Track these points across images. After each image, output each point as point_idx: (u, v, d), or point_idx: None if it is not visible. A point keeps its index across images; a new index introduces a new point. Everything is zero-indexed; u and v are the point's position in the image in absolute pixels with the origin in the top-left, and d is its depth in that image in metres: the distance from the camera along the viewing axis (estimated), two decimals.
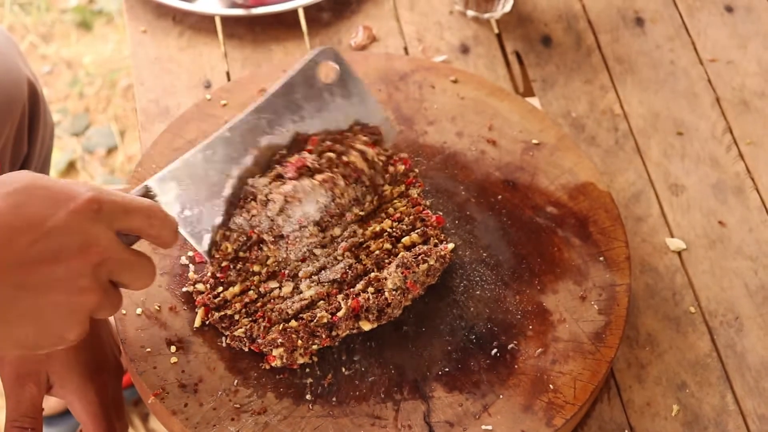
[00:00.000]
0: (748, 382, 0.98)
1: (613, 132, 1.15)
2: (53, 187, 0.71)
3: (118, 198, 0.74)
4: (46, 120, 1.27)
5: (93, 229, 0.71)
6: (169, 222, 0.78)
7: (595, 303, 0.95)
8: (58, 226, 0.70)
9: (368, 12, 1.23)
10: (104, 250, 0.72)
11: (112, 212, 0.73)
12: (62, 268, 0.70)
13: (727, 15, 1.25)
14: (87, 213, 0.71)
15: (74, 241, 0.70)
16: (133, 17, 1.22)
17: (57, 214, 0.70)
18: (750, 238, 1.07)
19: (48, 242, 0.69)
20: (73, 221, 0.70)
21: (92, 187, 0.73)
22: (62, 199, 0.70)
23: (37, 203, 0.70)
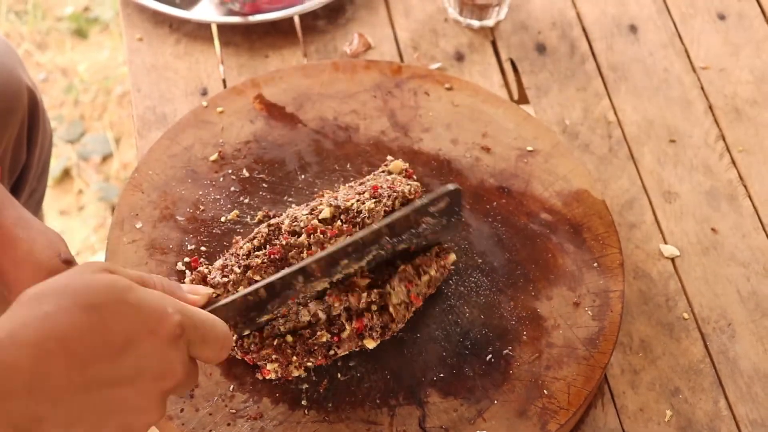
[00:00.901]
0: (741, 388, 0.98)
1: (607, 139, 1.15)
2: (141, 307, 0.66)
3: (200, 323, 0.70)
4: (46, 128, 1.27)
5: (172, 356, 0.67)
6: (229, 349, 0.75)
7: (589, 309, 0.96)
8: (139, 349, 0.65)
9: (363, 19, 1.24)
10: (178, 376, 0.68)
11: (191, 340, 0.69)
12: (134, 392, 0.66)
13: (719, 23, 1.26)
14: (171, 339, 0.67)
15: (152, 367, 0.66)
16: (130, 25, 1.22)
17: (140, 339, 0.66)
18: (743, 245, 1.08)
19: (126, 366, 0.65)
20: (156, 348, 0.66)
21: (179, 308, 0.69)
22: (149, 322, 0.66)
23: (122, 324, 0.65)
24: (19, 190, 1.25)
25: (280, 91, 1.10)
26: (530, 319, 0.95)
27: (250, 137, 1.06)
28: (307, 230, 0.90)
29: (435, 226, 0.91)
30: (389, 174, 0.98)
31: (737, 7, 1.28)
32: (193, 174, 1.03)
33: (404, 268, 0.92)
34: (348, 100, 1.10)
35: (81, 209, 1.93)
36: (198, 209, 1.01)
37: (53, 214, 1.91)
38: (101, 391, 0.65)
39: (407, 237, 0.90)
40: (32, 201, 1.31)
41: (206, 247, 0.98)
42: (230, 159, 1.04)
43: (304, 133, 1.07)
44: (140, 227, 0.99)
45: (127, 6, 1.23)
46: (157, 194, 1.01)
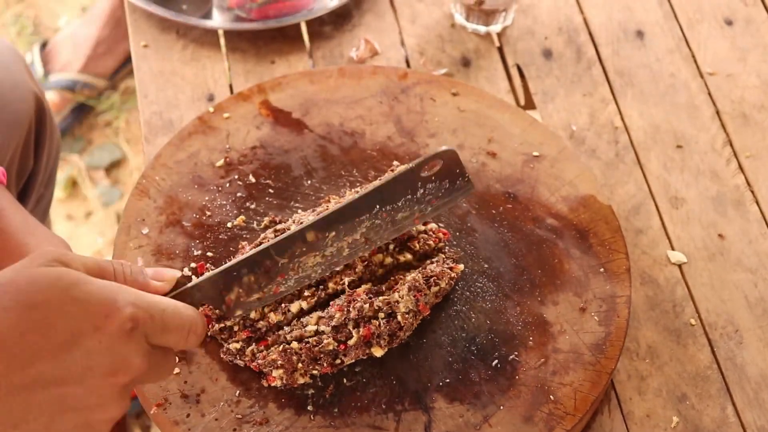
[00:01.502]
0: (748, 394, 0.98)
1: (614, 144, 1.15)
2: (88, 301, 0.64)
3: (157, 313, 0.67)
4: (53, 135, 1.27)
5: (124, 350, 0.65)
6: (203, 334, 0.73)
7: (596, 314, 0.95)
8: (85, 346, 0.63)
9: (370, 25, 1.24)
10: (134, 370, 0.65)
11: (148, 330, 0.66)
12: (85, 390, 0.64)
13: (726, 28, 1.26)
14: (121, 333, 0.64)
15: (102, 363, 0.64)
16: (137, 31, 1.23)
17: (85, 335, 0.63)
18: (750, 251, 1.07)
19: (71, 364, 0.63)
20: (103, 342, 0.64)
21: (131, 300, 0.66)
22: (96, 316, 0.63)
23: (66, 319, 0.63)
24: (27, 196, 1.26)
25: (287, 97, 1.10)
26: (536, 325, 0.95)
27: (257, 143, 1.06)
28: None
29: (436, 190, 0.88)
30: None
31: (744, 12, 1.27)
32: (200, 179, 1.03)
33: (414, 277, 0.92)
34: (354, 105, 1.10)
35: (88, 215, 1.93)
36: (204, 215, 1.01)
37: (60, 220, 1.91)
38: (47, 391, 0.63)
39: (404, 204, 0.87)
40: (39, 208, 1.32)
41: (212, 252, 0.98)
42: (236, 165, 1.04)
43: (310, 139, 1.07)
44: (147, 233, 0.99)
45: (134, 12, 1.24)
46: (164, 200, 1.01)
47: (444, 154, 0.87)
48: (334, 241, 0.85)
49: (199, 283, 0.78)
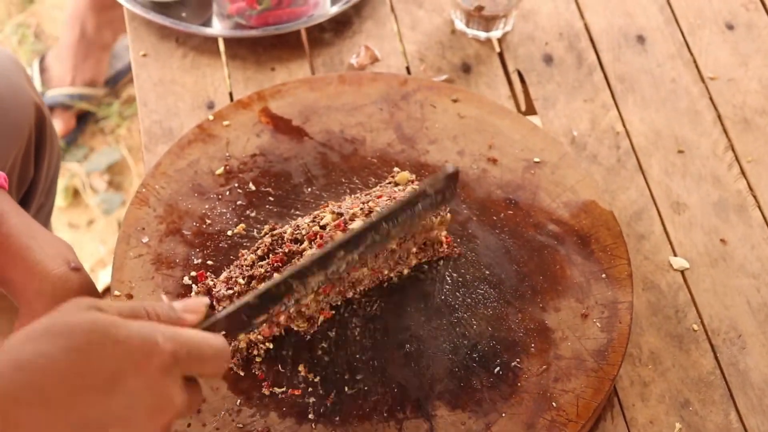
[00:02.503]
0: (752, 400, 0.98)
1: (615, 150, 1.15)
2: (127, 342, 0.63)
3: (194, 347, 0.67)
4: (53, 143, 1.27)
5: (166, 387, 0.64)
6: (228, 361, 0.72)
7: (598, 321, 0.95)
8: (128, 387, 0.63)
9: (370, 32, 1.24)
10: (177, 407, 0.65)
11: (187, 364, 0.66)
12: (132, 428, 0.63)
13: (728, 33, 1.26)
14: (162, 371, 0.64)
15: (145, 402, 0.63)
16: (137, 39, 1.22)
17: (128, 375, 0.62)
18: (752, 256, 1.07)
19: (115, 406, 0.62)
20: (147, 382, 0.63)
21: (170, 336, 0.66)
22: (137, 356, 0.63)
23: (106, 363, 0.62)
24: (27, 205, 1.25)
25: (287, 104, 1.10)
26: (538, 331, 0.94)
27: (257, 150, 1.06)
28: (308, 237, 0.90)
29: (430, 205, 0.87)
30: (396, 185, 0.98)
31: (745, 17, 1.27)
32: (200, 188, 1.03)
33: None
34: (354, 112, 1.09)
35: (90, 223, 1.93)
36: (204, 223, 1.00)
37: (62, 228, 1.91)
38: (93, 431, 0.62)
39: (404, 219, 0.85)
40: (40, 216, 1.32)
41: (213, 261, 0.98)
42: (236, 173, 1.04)
43: (310, 146, 1.07)
44: (147, 242, 0.99)
45: (133, 20, 1.24)
46: (164, 208, 1.01)
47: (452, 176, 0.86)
48: (340, 260, 0.85)
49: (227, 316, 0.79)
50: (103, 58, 1.98)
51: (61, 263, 0.89)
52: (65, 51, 1.96)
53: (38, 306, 0.87)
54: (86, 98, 1.97)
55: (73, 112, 1.98)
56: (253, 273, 0.90)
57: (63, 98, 1.95)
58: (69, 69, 1.95)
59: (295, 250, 0.90)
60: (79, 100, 1.96)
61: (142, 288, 0.96)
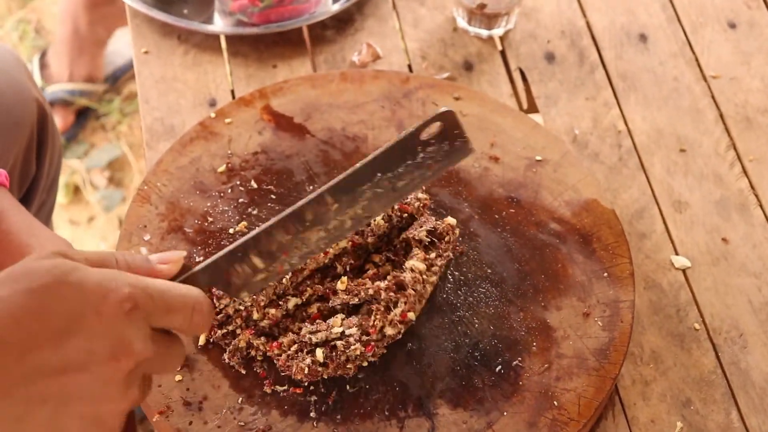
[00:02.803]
0: (753, 399, 0.98)
1: (617, 148, 1.15)
2: (84, 284, 0.62)
3: (156, 293, 0.65)
4: (55, 141, 1.27)
5: (125, 331, 0.63)
6: (210, 316, 0.70)
7: (599, 319, 0.95)
8: (85, 330, 0.61)
9: (372, 29, 1.24)
10: (137, 354, 0.63)
11: (149, 311, 0.65)
12: (88, 377, 0.62)
13: (730, 31, 1.26)
14: (119, 314, 0.62)
15: (103, 346, 0.62)
16: (139, 36, 1.22)
17: (84, 319, 0.61)
18: (754, 255, 1.07)
19: (72, 350, 0.61)
20: (103, 324, 0.62)
21: (130, 281, 0.64)
22: (92, 299, 0.62)
23: (63, 304, 0.61)
24: (29, 202, 1.25)
25: (288, 102, 1.10)
26: (540, 330, 0.94)
27: (258, 148, 1.06)
28: None
29: (436, 153, 0.85)
30: None
31: (748, 15, 1.27)
32: (202, 185, 1.03)
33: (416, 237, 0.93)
34: (356, 110, 1.09)
35: (91, 220, 1.93)
36: (206, 221, 1.00)
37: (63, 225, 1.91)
38: (49, 380, 0.61)
39: (405, 170, 0.84)
40: (42, 213, 1.32)
41: None
42: (238, 170, 1.04)
43: (312, 144, 1.07)
44: (148, 239, 0.99)
45: (135, 17, 1.24)
46: (165, 206, 1.01)
47: (443, 116, 0.84)
48: (337, 214, 0.82)
49: (205, 267, 0.76)
50: (98, 54, 1.98)
51: None
52: (60, 47, 1.96)
53: None
54: (85, 94, 1.97)
55: (72, 109, 1.98)
56: None
57: (62, 94, 1.95)
58: (65, 65, 1.96)
59: None
60: (78, 96, 1.96)
61: None
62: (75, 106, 1.98)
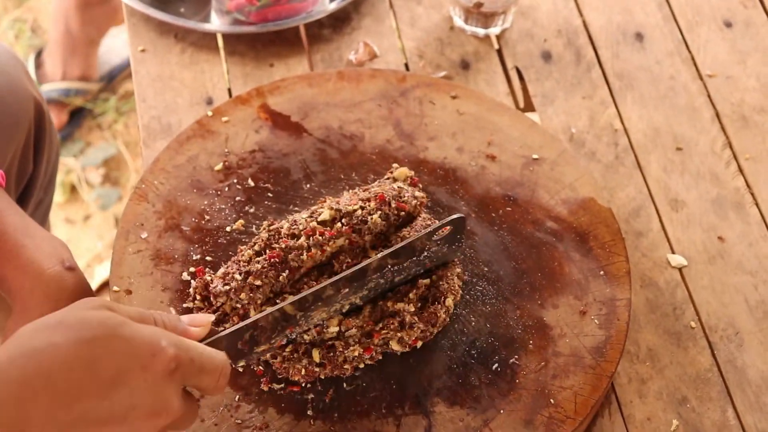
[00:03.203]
0: (749, 397, 0.98)
1: (613, 147, 1.15)
2: (134, 340, 0.65)
3: (196, 356, 0.69)
4: (52, 139, 1.27)
5: (166, 391, 0.66)
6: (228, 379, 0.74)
7: (596, 317, 0.95)
8: (131, 385, 0.64)
9: (369, 28, 1.24)
10: (173, 413, 0.67)
11: (187, 372, 0.68)
12: (126, 429, 0.65)
13: (726, 30, 1.26)
14: (165, 374, 0.66)
15: (145, 403, 0.65)
16: (135, 35, 1.22)
17: (132, 374, 0.64)
18: (750, 254, 1.07)
19: (117, 402, 0.64)
20: (148, 381, 0.65)
21: (174, 341, 0.67)
22: (141, 356, 0.65)
23: (113, 357, 0.64)
24: (26, 201, 1.25)
25: (285, 101, 1.10)
26: (536, 328, 0.95)
27: (255, 146, 1.06)
28: (305, 232, 0.90)
29: (436, 252, 0.92)
30: (394, 181, 0.98)
31: (744, 14, 1.27)
32: (199, 184, 1.03)
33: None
34: (353, 109, 1.09)
35: (87, 219, 1.93)
36: (203, 219, 1.00)
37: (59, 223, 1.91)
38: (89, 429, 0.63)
39: (409, 264, 0.91)
40: (39, 212, 1.31)
41: (211, 257, 0.98)
42: (235, 168, 1.04)
43: (309, 143, 1.07)
44: (145, 237, 0.99)
45: (132, 16, 1.24)
46: (162, 204, 1.01)
47: (456, 222, 0.90)
48: (344, 298, 0.88)
49: (232, 333, 0.80)
50: (91, 54, 1.98)
51: (55, 262, 0.88)
52: (53, 47, 1.96)
53: (31, 305, 0.87)
54: (80, 93, 1.97)
55: (67, 108, 1.98)
56: (249, 269, 0.90)
57: (55, 93, 1.95)
58: (59, 65, 1.96)
59: (292, 246, 0.90)
60: (72, 95, 1.96)
61: (140, 283, 0.96)
62: (70, 106, 1.98)
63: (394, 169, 1.00)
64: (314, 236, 0.90)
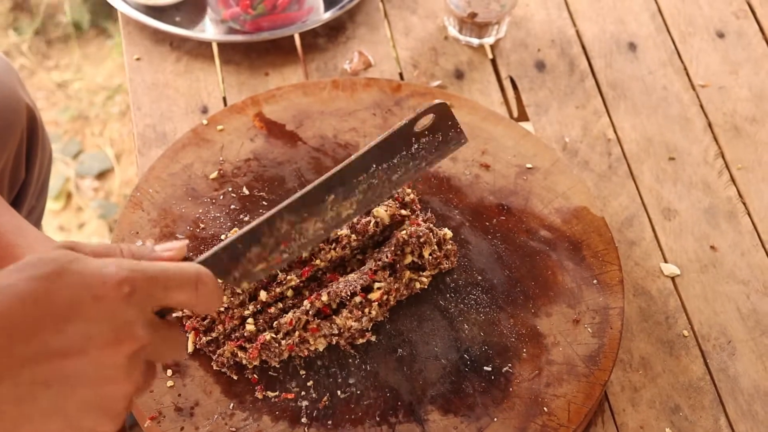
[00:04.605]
0: (741, 406, 0.98)
1: (606, 156, 1.15)
2: (84, 271, 0.64)
3: (155, 274, 0.66)
4: (45, 146, 1.27)
5: (125, 317, 0.64)
6: (217, 289, 0.70)
7: (589, 326, 0.96)
8: (84, 315, 0.63)
9: (364, 38, 1.24)
10: (138, 338, 0.65)
11: (148, 292, 0.66)
12: (90, 361, 0.63)
13: (718, 41, 1.27)
14: (117, 299, 0.64)
15: (102, 331, 0.63)
16: (131, 43, 1.23)
17: (85, 304, 0.63)
18: (742, 263, 1.08)
19: (73, 334, 0.63)
20: (102, 309, 0.63)
21: (128, 265, 0.65)
22: (92, 285, 0.64)
23: (64, 291, 0.63)
24: (18, 207, 1.25)
25: (280, 109, 1.10)
26: (530, 336, 0.95)
27: (250, 155, 1.06)
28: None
29: (429, 144, 0.86)
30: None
31: (736, 25, 1.28)
32: (194, 192, 1.03)
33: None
34: (348, 117, 1.10)
35: (81, 226, 1.93)
36: (198, 227, 1.01)
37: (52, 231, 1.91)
38: (51, 363, 0.63)
39: (400, 161, 0.85)
40: (31, 219, 1.32)
41: None
42: (230, 177, 1.05)
43: (303, 151, 1.07)
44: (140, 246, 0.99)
45: (127, 24, 1.24)
46: (158, 212, 1.02)
47: (435, 108, 0.85)
48: (334, 205, 0.83)
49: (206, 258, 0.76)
50: None
51: None
52: None
53: None
54: None
55: None
56: None
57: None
58: None
59: None
60: None
61: None
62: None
63: None
64: None
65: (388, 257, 0.94)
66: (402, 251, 0.95)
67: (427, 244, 0.95)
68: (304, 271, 0.93)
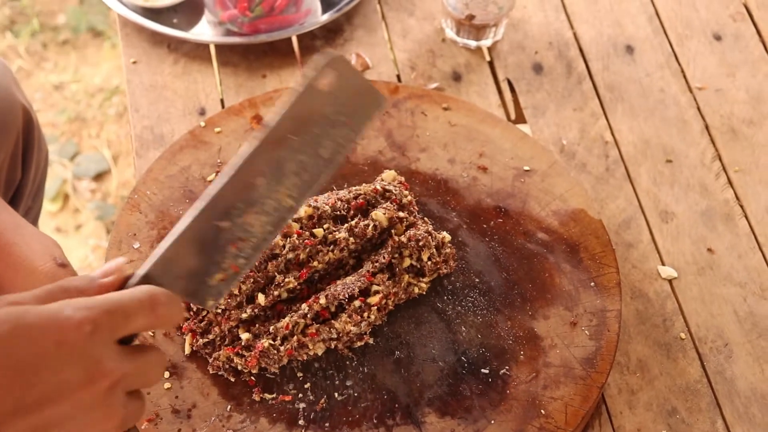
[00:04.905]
0: (738, 408, 0.98)
1: (604, 159, 1.16)
2: (39, 321, 0.63)
3: (114, 305, 0.66)
4: (41, 147, 1.27)
5: (92, 353, 0.64)
6: (176, 304, 0.69)
7: (586, 329, 0.96)
8: (53, 365, 0.63)
9: (361, 40, 1.24)
10: (110, 372, 0.64)
11: (109, 326, 0.65)
12: (70, 406, 0.63)
13: (715, 43, 1.27)
14: (80, 339, 0.64)
15: (74, 373, 0.63)
16: (129, 45, 1.23)
17: (48, 353, 0.63)
18: (739, 265, 1.08)
19: (45, 384, 0.62)
20: (67, 353, 0.63)
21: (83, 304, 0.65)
22: (51, 332, 0.63)
23: (25, 346, 0.63)
24: (14, 208, 1.25)
25: None
26: (527, 339, 0.95)
27: None
28: (282, 232, 0.91)
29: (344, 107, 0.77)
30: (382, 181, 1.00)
31: (733, 27, 1.28)
32: (191, 194, 1.03)
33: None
34: None
35: (78, 228, 1.93)
36: None
37: (49, 232, 1.91)
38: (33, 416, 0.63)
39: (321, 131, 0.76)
40: (28, 219, 1.31)
41: None
42: None
43: None
44: (138, 247, 0.99)
45: (125, 26, 1.24)
46: (155, 214, 1.01)
47: (333, 63, 0.75)
48: (269, 191, 0.76)
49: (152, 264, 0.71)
50: None
51: (47, 259, 0.88)
52: None
53: None
54: None
55: None
56: None
57: None
58: None
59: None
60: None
61: None
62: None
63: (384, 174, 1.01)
64: (292, 238, 0.92)
65: (385, 258, 0.94)
66: (400, 254, 0.95)
67: (426, 248, 0.95)
68: (302, 273, 0.93)
